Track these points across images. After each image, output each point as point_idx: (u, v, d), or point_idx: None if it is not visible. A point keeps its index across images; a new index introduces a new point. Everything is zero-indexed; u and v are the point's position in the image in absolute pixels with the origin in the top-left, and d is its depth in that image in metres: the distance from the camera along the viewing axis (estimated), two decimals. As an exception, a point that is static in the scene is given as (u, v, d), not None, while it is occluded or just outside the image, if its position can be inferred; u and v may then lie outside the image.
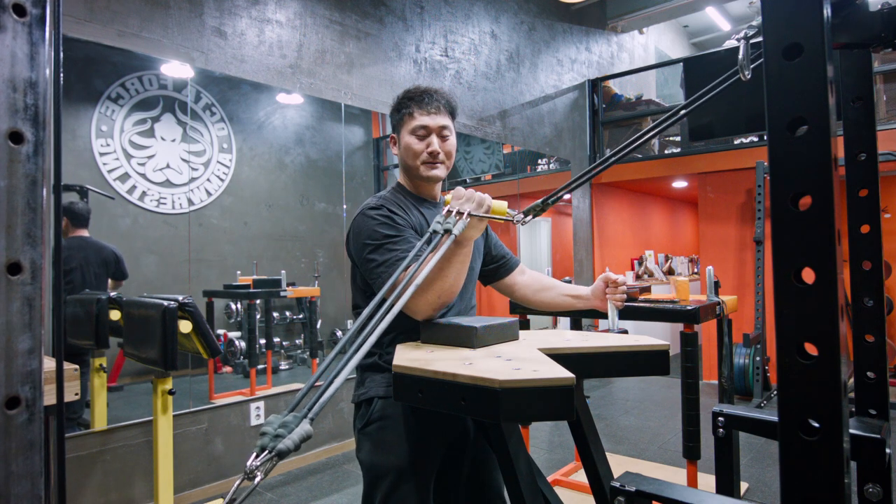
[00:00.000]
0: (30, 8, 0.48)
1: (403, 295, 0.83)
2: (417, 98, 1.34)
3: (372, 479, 1.27)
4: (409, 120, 1.34)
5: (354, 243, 1.29)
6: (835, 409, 0.49)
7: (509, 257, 1.58)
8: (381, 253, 1.21)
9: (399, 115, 1.37)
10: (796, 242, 0.51)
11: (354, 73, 3.63)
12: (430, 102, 1.34)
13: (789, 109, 0.51)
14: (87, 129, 2.68)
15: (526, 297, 1.55)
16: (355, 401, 1.35)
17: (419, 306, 1.15)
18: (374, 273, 1.22)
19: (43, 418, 0.48)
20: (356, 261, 1.30)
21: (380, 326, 0.76)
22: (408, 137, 1.34)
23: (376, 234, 1.23)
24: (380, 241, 1.22)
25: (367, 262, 1.23)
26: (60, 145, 0.59)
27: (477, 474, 1.41)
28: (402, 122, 1.36)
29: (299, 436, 0.57)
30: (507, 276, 1.56)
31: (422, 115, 1.33)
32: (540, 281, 1.57)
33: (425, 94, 1.34)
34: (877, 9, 0.73)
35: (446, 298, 1.16)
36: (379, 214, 1.26)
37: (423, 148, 1.33)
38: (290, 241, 3.68)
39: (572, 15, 5.84)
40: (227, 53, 3.01)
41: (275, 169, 3.60)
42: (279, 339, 3.92)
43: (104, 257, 2.74)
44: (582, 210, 5.84)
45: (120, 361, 2.89)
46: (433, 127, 1.33)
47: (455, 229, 1.00)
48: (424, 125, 1.33)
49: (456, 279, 1.16)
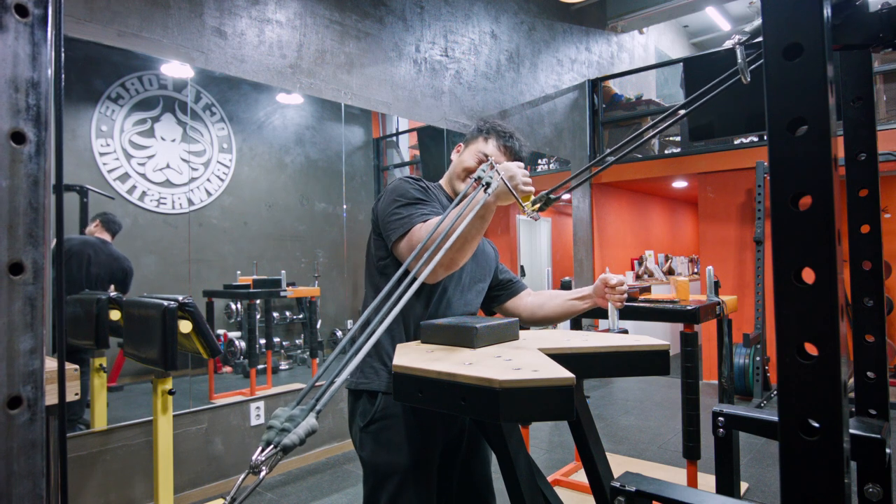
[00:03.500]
0: (32, 8, 0.48)
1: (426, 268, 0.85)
2: (500, 131, 1.44)
3: (376, 479, 1.27)
4: (482, 143, 1.43)
5: (384, 201, 1.32)
6: (835, 409, 0.49)
7: (515, 281, 1.60)
8: (406, 209, 1.27)
9: (478, 133, 1.45)
10: (796, 242, 0.51)
11: (354, 73, 3.63)
12: (507, 141, 1.43)
13: (789, 109, 0.51)
14: (87, 129, 2.68)
15: (533, 314, 1.55)
16: (353, 388, 1.33)
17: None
18: (393, 223, 1.26)
19: (44, 418, 0.48)
20: (379, 217, 1.32)
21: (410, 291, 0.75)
22: (469, 154, 1.43)
23: (409, 193, 1.29)
24: (409, 199, 1.28)
25: (390, 215, 1.27)
26: (62, 145, 0.59)
27: (467, 464, 1.44)
28: (475, 139, 1.45)
29: (304, 430, 0.56)
30: (511, 299, 1.58)
31: (493, 146, 1.42)
32: (544, 295, 1.58)
33: (513, 137, 1.44)
34: (877, 9, 0.74)
35: (453, 265, 1.20)
36: (417, 184, 1.34)
37: (473, 168, 1.40)
38: (290, 241, 3.68)
39: (572, 15, 5.84)
40: (227, 53, 3.01)
41: (275, 169, 3.60)
42: (279, 339, 3.92)
43: (114, 267, 2.78)
44: (582, 210, 5.84)
45: (120, 361, 2.89)
46: (494, 159, 1.40)
47: (494, 183, 1.08)
48: (488, 154, 1.40)
49: (473, 237, 1.19)
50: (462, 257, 1.20)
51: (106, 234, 2.75)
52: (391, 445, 1.26)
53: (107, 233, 2.76)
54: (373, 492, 1.28)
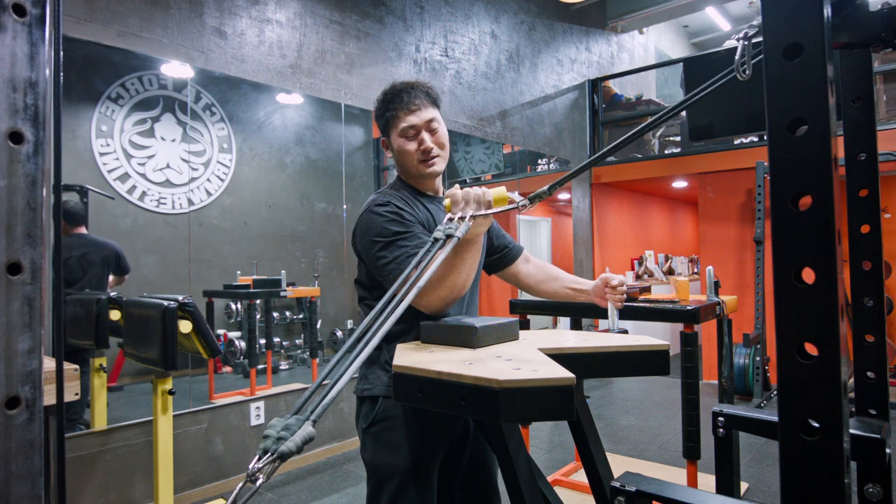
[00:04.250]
0: (30, 8, 0.48)
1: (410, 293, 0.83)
2: (397, 98, 1.32)
3: (377, 480, 1.28)
4: (396, 122, 1.32)
5: (362, 241, 1.27)
6: (835, 409, 0.49)
7: (512, 246, 1.57)
8: (390, 250, 1.20)
9: (384, 119, 1.35)
10: (796, 242, 0.51)
11: (354, 73, 3.63)
12: (411, 99, 1.31)
13: (789, 109, 0.51)
14: (87, 129, 2.68)
15: (530, 286, 1.57)
16: (358, 395, 1.35)
17: (431, 302, 1.16)
18: (384, 270, 1.21)
19: (43, 418, 0.48)
20: (364, 258, 1.29)
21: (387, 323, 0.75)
22: (398, 140, 1.33)
23: (385, 230, 1.22)
24: (389, 237, 1.21)
25: (376, 260, 1.22)
26: (60, 145, 0.59)
27: (475, 470, 1.42)
28: (388, 125, 1.35)
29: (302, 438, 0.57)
30: (510, 264, 1.57)
31: (406, 114, 1.31)
32: (545, 270, 1.58)
33: (403, 93, 1.31)
34: (877, 9, 0.73)
35: (457, 293, 1.17)
36: (387, 211, 1.25)
37: (415, 147, 1.32)
38: (290, 241, 3.68)
39: (572, 15, 5.84)
40: (227, 53, 3.01)
41: (275, 169, 3.60)
42: (279, 339, 3.92)
43: (104, 255, 2.75)
44: (582, 210, 5.84)
45: (120, 361, 2.89)
46: (420, 124, 1.31)
47: (458, 233, 0.98)
48: (412, 125, 1.31)
49: (468, 275, 1.17)
50: (467, 284, 1.18)
51: (78, 229, 2.69)
52: (391, 446, 1.26)
53: (77, 227, 2.69)
54: (374, 492, 1.28)
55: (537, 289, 1.56)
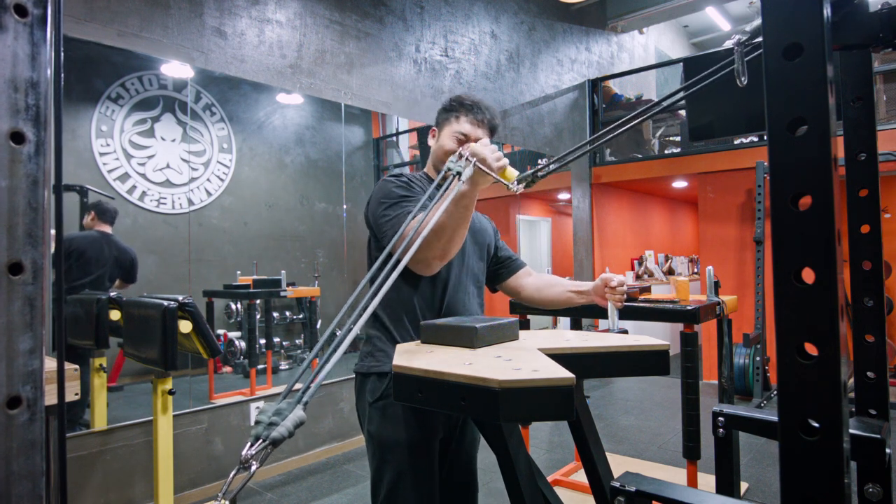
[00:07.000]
0: (31, 8, 0.48)
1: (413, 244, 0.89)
2: (468, 106, 1.44)
3: (382, 452, 1.31)
4: (455, 122, 1.44)
5: (372, 204, 1.37)
6: (835, 409, 0.49)
7: (514, 258, 1.63)
8: (393, 209, 1.31)
9: (447, 114, 1.47)
10: (796, 242, 0.51)
11: (354, 73, 3.63)
12: (481, 114, 1.44)
13: (789, 109, 0.51)
14: (87, 129, 2.68)
15: (531, 296, 1.60)
16: (365, 371, 1.38)
17: (423, 253, 1.22)
18: (384, 227, 1.30)
19: (44, 418, 0.48)
20: (371, 222, 1.37)
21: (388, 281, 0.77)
22: (446, 137, 1.44)
23: (393, 193, 1.33)
24: (395, 199, 1.32)
25: (379, 218, 1.32)
26: (61, 145, 0.59)
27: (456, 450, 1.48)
28: (447, 121, 1.46)
29: (293, 422, 0.57)
30: (511, 276, 1.61)
31: (468, 121, 1.43)
32: (545, 279, 1.62)
33: (476, 106, 1.44)
34: (877, 9, 0.73)
35: (449, 247, 1.23)
36: (398, 180, 1.37)
37: (455, 150, 1.40)
38: (290, 241, 3.68)
39: (572, 15, 5.84)
40: (227, 53, 3.01)
41: (275, 169, 3.60)
42: (279, 339, 3.92)
43: (121, 257, 2.79)
44: (582, 210, 5.84)
45: (120, 361, 2.89)
46: (472, 136, 1.42)
47: (465, 172, 1.10)
48: (465, 132, 1.42)
49: (459, 226, 1.22)
50: (453, 247, 1.24)
51: (104, 226, 2.75)
52: (397, 420, 1.31)
53: (104, 224, 2.75)
54: (379, 466, 1.32)
55: (539, 296, 1.58)
